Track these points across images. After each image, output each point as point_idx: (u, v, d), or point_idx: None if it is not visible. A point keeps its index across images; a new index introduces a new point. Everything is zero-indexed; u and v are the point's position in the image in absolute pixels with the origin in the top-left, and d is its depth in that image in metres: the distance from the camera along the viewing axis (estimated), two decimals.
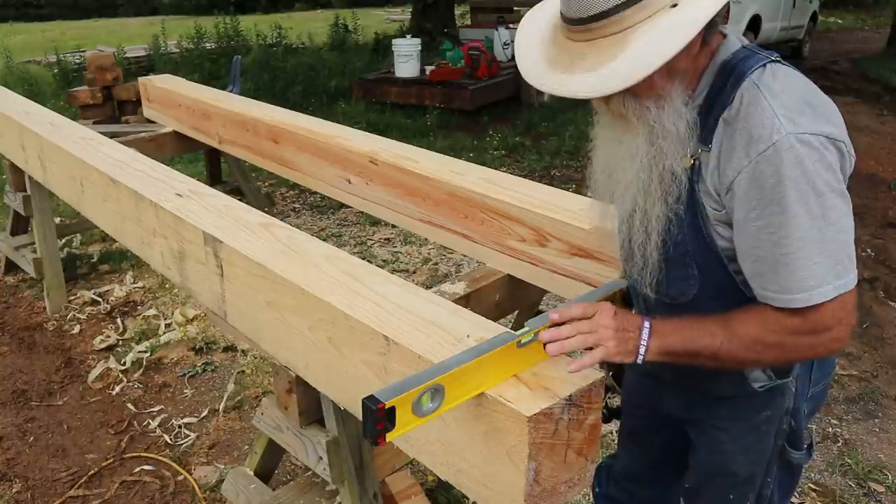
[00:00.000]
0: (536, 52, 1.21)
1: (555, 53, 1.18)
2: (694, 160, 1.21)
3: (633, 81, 1.07)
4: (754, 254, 1.17)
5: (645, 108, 1.18)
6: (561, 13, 1.17)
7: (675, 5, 1.07)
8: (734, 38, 1.23)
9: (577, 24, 1.13)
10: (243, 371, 3.32)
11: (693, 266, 1.27)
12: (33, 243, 4.01)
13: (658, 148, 1.21)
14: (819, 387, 1.43)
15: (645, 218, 1.27)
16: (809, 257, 1.12)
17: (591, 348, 1.20)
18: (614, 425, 1.99)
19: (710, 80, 1.21)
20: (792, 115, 1.11)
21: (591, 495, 1.99)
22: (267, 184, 5.98)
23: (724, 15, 1.17)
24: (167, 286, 4.15)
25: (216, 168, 4.96)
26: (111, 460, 2.80)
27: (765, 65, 1.17)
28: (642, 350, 1.22)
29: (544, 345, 1.22)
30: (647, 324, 1.23)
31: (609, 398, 1.57)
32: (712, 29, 1.16)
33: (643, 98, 1.17)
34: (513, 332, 1.28)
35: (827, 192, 1.10)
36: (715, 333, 1.21)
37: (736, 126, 1.15)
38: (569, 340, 1.19)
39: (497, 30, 8.98)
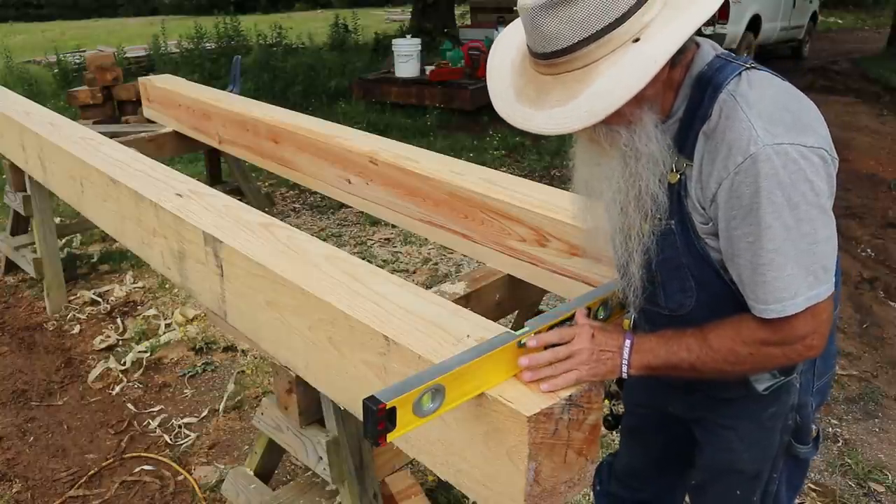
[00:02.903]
0: (507, 80, 1.21)
1: (522, 84, 1.18)
2: (680, 175, 1.21)
3: (597, 119, 1.07)
4: (736, 262, 1.18)
5: (616, 134, 1.18)
6: (527, 45, 1.17)
7: (637, 40, 1.07)
8: (708, 47, 1.22)
9: (542, 58, 1.13)
10: (243, 371, 3.32)
11: (689, 279, 1.28)
12: (33, 243, 4.01)
13: (631, 169, 1.21)
14: (824, 379, 1.44)
15: (627, 238, 1.28)
16: (783, 268, 1.12)
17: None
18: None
19: (687, 94, 1.20)
20: (769, 125, 1.10)
21: (591, 495, 1.99)
22: (267, 184, 5.98)
23: (714, 18, 1.16)
24: (167, 286, 4.15)
25: (216, 168, 4.96)
26: (111, 460, 2.80)
27: (740, 73, 1.17)
28: (625, 368, 1.25)
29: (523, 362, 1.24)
30: (628, 341, 1.26)
31: (613, 405, 1.57)
32: (681, 50, 1.11)
33: (613, 125, 1.17)
34: (513, 332, 1.28)
35: (802, 204, 1.10)
36: (691, 347, 1.23)
37: (715, 139, 1.15)
38: (543, 370, 1.22)
39: (497, 30, 8.97)
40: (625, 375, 1.26)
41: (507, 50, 1.26)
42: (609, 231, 1.34)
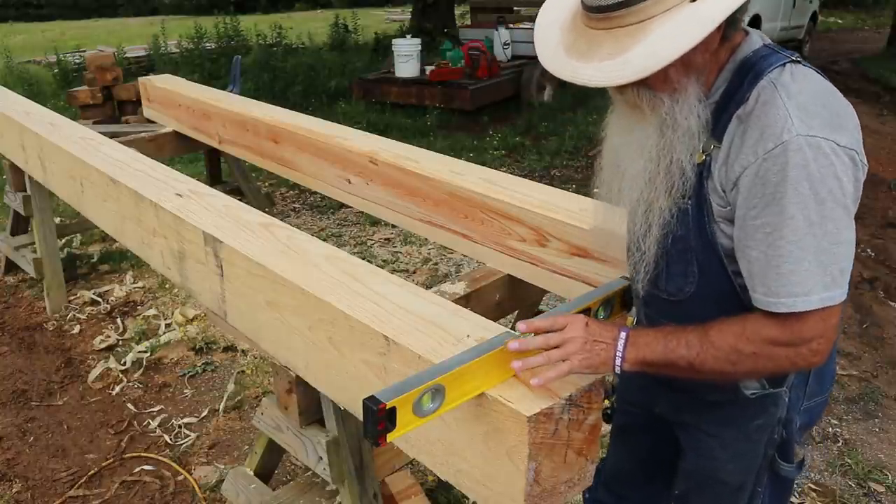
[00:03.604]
0: (555, 37, 1.21)
1: (572, 40, 1.18)
2: (705, 156, 1.20)
3: (646, 74, 1.07)
4: (749, 253, 1.16)
5: (659, 100, 1.18)
6: (581, 0, 1.17)
7: (694, 0, 1.07)
8: (756, 37, 1.22)
9: (596, 12, 1.13)
10: (243, 371, 3.32)
11: (693, 263, 1.27)
12: (33, 243, 4.01)
13: (667, 140, 1.20)
14: (814, 401, 1.40)
15: (648, 210, 1.27)
16: (800, 262, 1.10)
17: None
18: None
19: (728, 77, 1.20)
20: (806, 117, 1.10)
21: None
22: (267, 184, 5.98)
23: (745, 11, 1.17)
24: (167, 286, 4.15)
25: (216, 168, 4.96)
26: (111, 460, 2.80)
27: (784, 64, 1.16)
28: (618, 361, 1.22)
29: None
30: (623, 334, 1.23)
31: (612, 399, 1.57)
32: (733, 25, 1.16)
33: (658, 90, 1.17)
34: (513, 332, 1.28)
35: (829, 201, 1.09)
36: (691, 344, 1.20)
37: (749, 123, 1.15)
38: (534, 359, 1.19)
39: (497, 30, 8.97)
40: (618, 370, 1.22)
41: (555, 12, 1.26)
42: (630, 205, 1.32)
